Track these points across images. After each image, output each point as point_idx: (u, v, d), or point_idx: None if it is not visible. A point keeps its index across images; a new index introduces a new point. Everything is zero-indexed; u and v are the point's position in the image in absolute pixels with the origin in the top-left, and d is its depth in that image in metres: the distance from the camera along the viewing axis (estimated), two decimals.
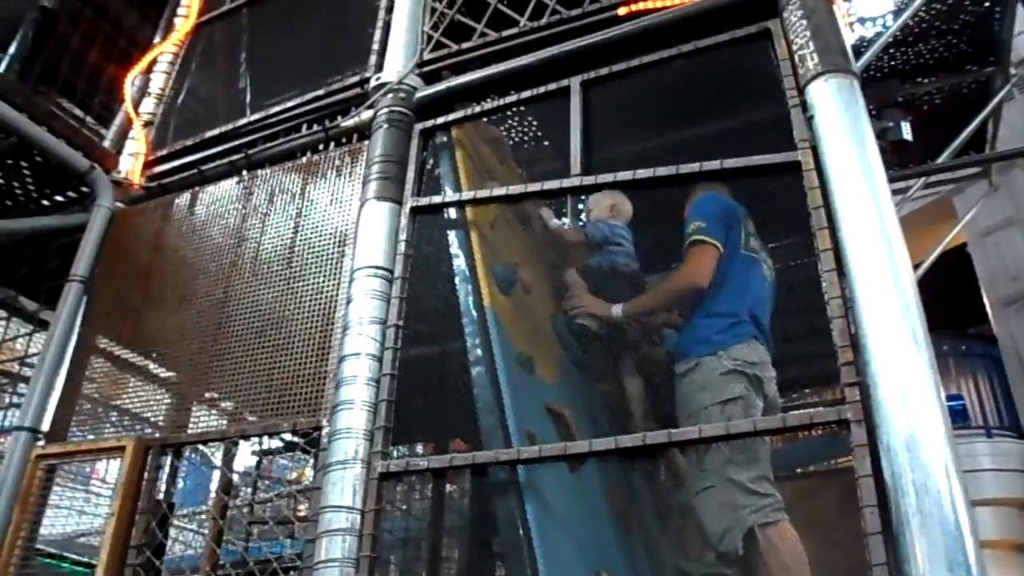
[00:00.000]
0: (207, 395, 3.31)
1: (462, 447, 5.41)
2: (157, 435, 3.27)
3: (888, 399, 2.00)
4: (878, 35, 5.35)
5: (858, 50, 5.05)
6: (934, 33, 5.80)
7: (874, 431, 2.03)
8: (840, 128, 2.40)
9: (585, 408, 3.31)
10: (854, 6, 5.35)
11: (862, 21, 5.47)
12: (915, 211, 7.50)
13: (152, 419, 3.57)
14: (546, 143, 4.21)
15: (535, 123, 4.12)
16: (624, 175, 2.70)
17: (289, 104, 3.76)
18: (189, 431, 3.28)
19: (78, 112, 4.72)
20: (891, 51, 5.79)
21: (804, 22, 2.61)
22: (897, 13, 5.26)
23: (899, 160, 6.07)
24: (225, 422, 3.37)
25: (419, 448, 5.78)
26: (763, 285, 3.15)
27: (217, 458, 4.18)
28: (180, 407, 3.36)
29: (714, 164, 2.62)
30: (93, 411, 3.62)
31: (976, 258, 7.95)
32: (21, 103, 3.69)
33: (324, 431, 2.74)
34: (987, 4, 5.64)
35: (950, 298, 7.75)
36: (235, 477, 4.33)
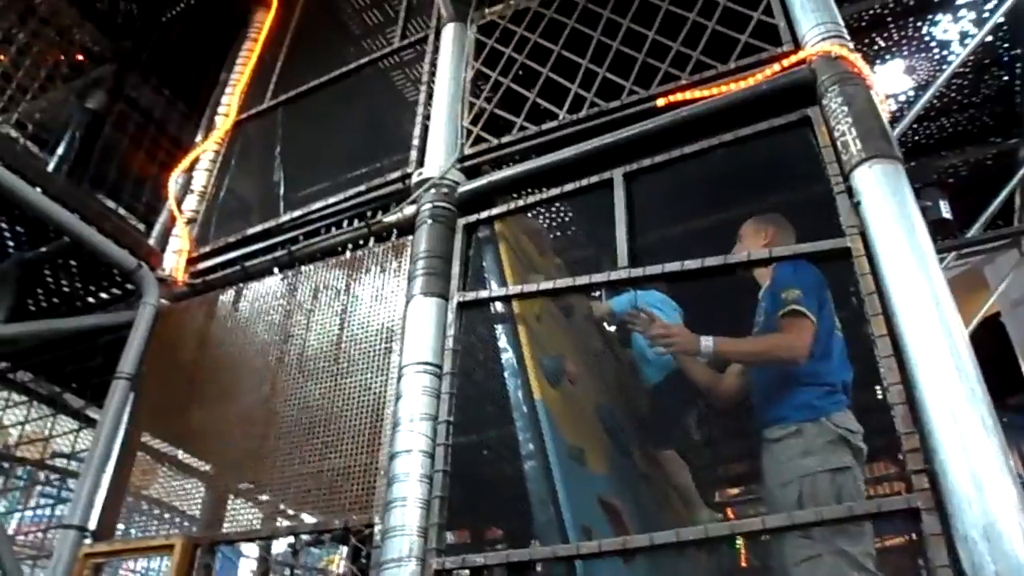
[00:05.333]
0: (255, 492, 3.30)
1: (497, 536, 5.36)
2: (199, 530, 3.25)
3: (961, 486, 1.96)
4: (900, 111, 5.43)
5: None
6: (955, 107, 5.89)
7: (947, 519, 1.99)
8: (889, 213, 2.41)
9: (634, 498, 3.27)
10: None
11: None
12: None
13: (197, 516, 3.55)
14: (582, 229, 4.25)
15: (571, 211, 4.16)
16: (672, 266, 2.68)
17: (331, 200, 3.81)
18: (236, 527, 3.26)
19: (121, 211, 4.83)
20: (914, 126, 5.87)
21: (845, 108, 2.64)
22: (920, 89, 5.35)
23: (932, 234, 6.10)
24: (270, 517, 3.34)
25: (449, 536, 5.70)
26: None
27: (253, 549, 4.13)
28: (226, 503, 3.35)
29: (763, 252, 2.63)
30: (138, 507, 3.61)
31: (1011, 327, 7.84)
32: (74, 204, 3.76)
33: (376, 528, 2.71)
34: (1006, 78, 5.73)
35: (985, 368, 7.63)
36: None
